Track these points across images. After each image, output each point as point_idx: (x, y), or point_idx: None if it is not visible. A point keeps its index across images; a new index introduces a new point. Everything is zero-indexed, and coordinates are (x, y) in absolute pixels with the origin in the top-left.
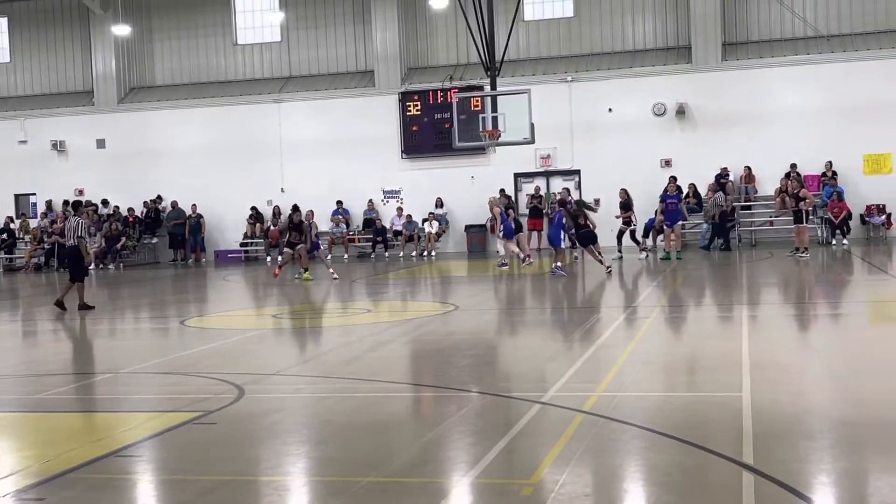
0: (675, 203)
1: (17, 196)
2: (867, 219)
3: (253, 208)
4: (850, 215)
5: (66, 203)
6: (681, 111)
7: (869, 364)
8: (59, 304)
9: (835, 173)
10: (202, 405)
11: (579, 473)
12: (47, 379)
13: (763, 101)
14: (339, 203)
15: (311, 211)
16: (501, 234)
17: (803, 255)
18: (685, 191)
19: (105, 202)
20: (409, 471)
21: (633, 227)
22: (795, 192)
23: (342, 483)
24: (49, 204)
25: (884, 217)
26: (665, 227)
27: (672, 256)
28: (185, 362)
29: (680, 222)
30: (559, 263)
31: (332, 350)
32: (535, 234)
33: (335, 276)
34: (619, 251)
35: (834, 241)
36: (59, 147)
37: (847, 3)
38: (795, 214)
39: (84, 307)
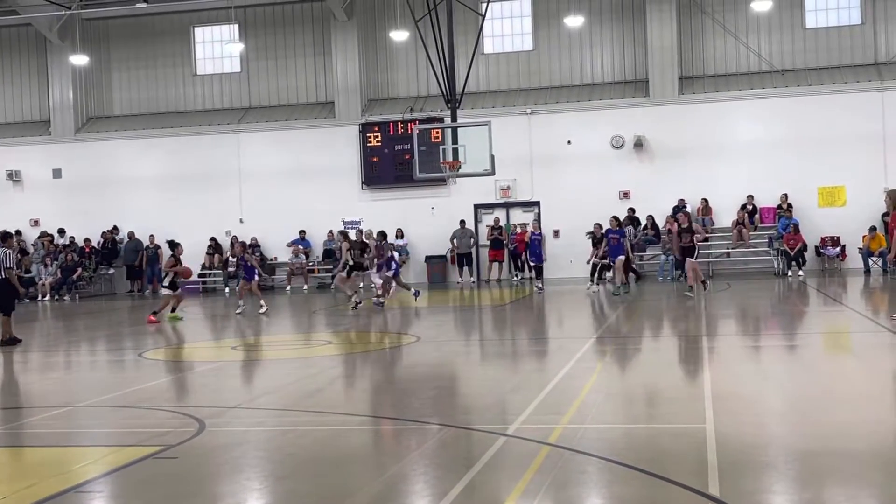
0: (618, 238)
1: None
2: (822, 251)
3: (212, 239)
4: (805, 247)
5: None
6: (639, 143)
7: (828, 394)
8: (10, 340)
9: (790, 205)
10: (162, 439)
11: None
12: (5, 413)
13: (719, 134)
14: (303, 233)
15: (243, 243)
16: (376, 269)
17: (689, 293)
18: (643, 222)
19: (62, 231)
20: None
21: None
22: (684, 226)
23: None
24: None
25: (838, 249)
26: (611, 263)
27: (619, 290)
28: (144, 395)
29: (621, 257)
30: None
31: (293, 382)
32: (496, 264)
33: (263, 309)
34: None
35: (790, 273)
36: (14, 177)
37: (801, 39)
38: (686, 250)
39: (10, 341)
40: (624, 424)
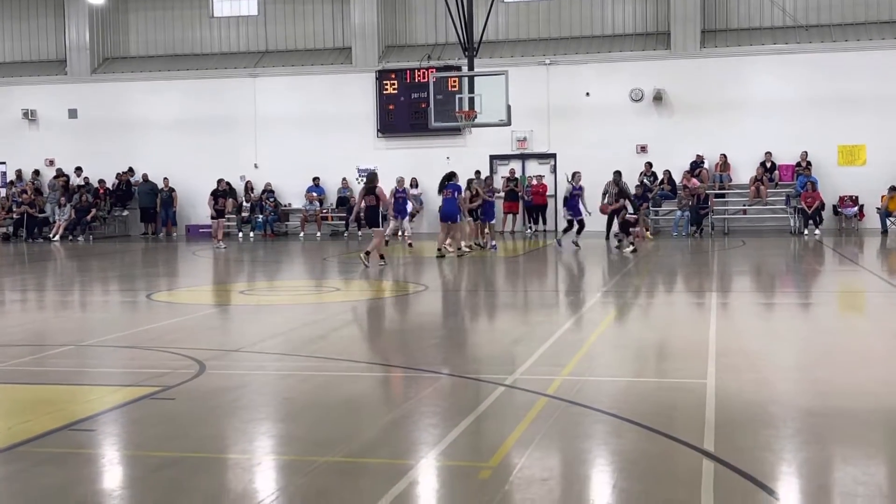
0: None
1: None
2: (840, 210)
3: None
4: (822, 206)
5: None
6: (658, 97)
7: (835, 354)
8: None
9: (809, 163)
10: (161, 380)
11: (538, 457)
12: (8, 350)
13: (740, 89)
14: (316, 180)
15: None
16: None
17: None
18: (660, 177)
19: (79, 170)
20: (369, 451)
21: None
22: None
23: (299, 462)
24: (19, 174)
25: (856, 208)
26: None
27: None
28: (148, 336)
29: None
30: None
31: (298, 328)
32: (510, 216)
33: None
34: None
35: (806, 231)
36: (30, 116)
37: None
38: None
39: None
40: (623, 378)
